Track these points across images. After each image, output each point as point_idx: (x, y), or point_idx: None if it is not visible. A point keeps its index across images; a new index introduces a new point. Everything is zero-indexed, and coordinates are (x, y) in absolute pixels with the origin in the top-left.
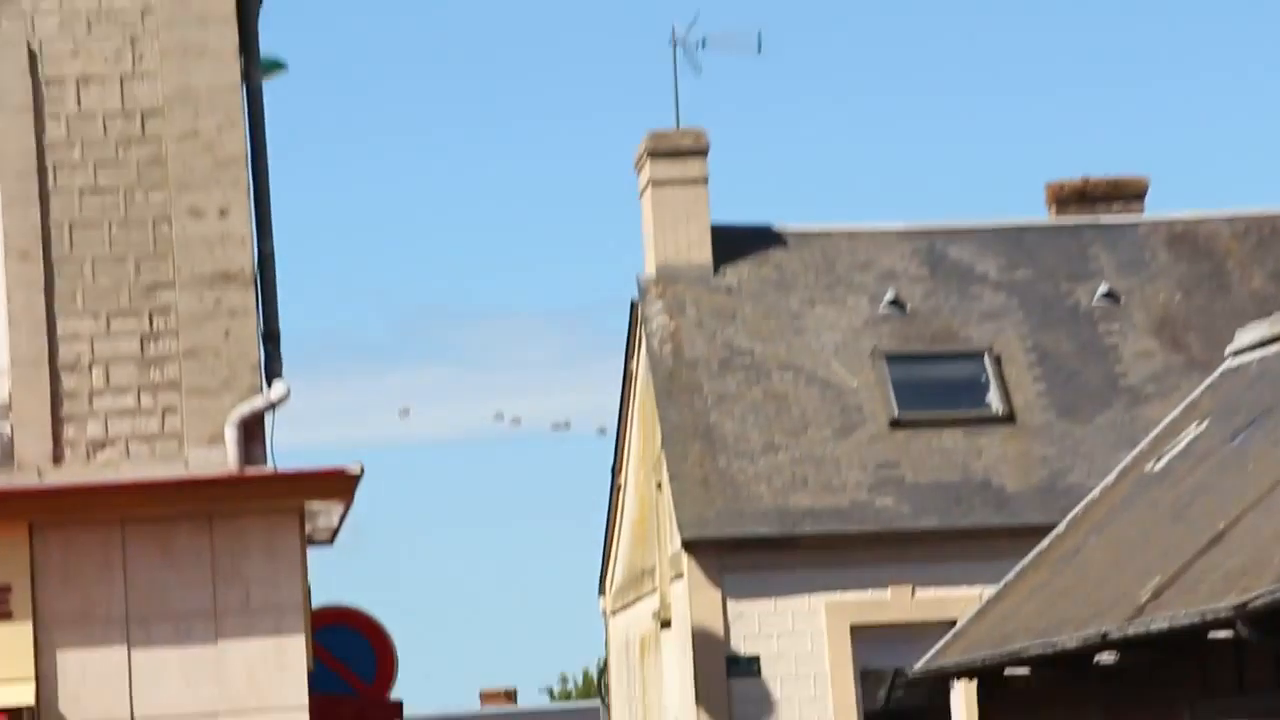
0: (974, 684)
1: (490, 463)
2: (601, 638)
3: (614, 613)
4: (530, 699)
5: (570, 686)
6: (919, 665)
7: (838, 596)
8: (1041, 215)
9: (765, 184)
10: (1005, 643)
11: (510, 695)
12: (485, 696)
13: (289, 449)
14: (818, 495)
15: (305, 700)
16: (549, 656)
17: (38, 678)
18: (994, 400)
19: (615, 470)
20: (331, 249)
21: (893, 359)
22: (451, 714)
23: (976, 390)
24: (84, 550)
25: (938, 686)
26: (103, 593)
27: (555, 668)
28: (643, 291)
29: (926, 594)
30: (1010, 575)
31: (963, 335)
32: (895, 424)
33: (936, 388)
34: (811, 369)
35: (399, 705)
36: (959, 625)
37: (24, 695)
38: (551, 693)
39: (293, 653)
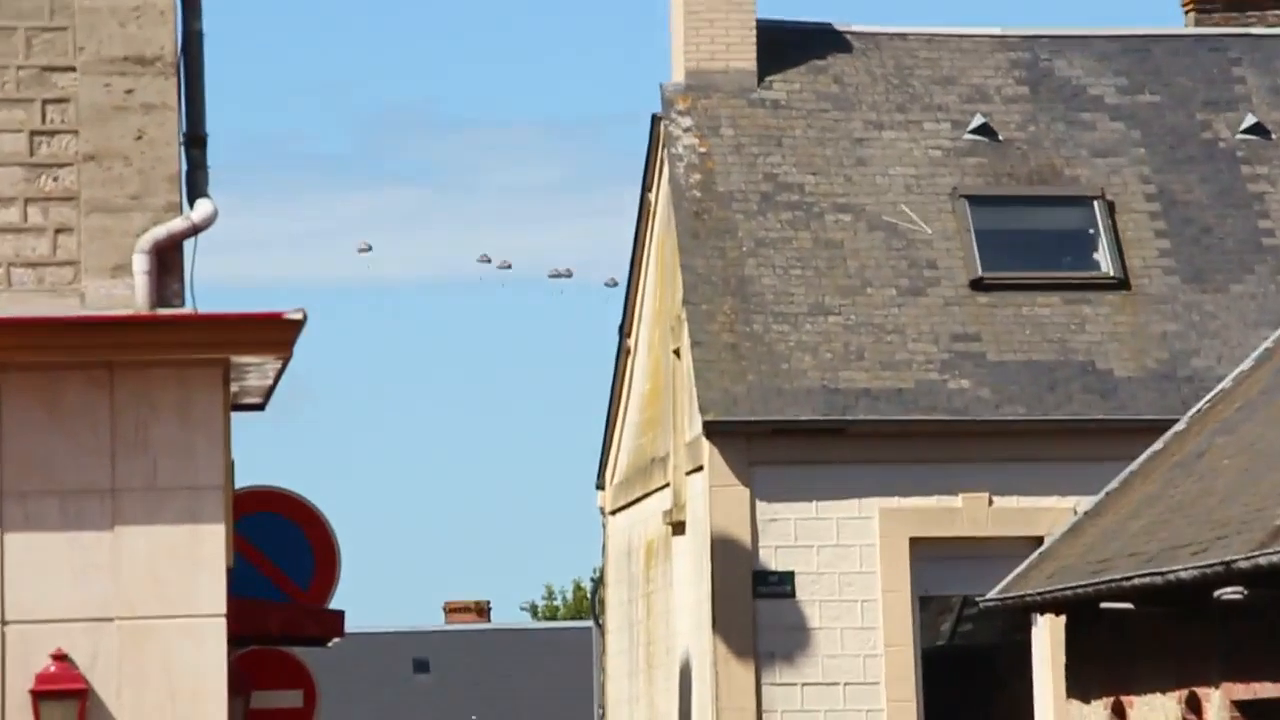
0: (1061, 619)
1: (469, 314)
2: (597, 542)
3: (614, 512)
4: (506, 616)
5: (557, 602)
6: (993, 593)
7: (895, 502)
8: (1176, 23)
9: None
10: (1103, 570)
11: (482, 610)
12: (451, 610)
13: (214, 286)
14: (876, 373)
15: (223, 606)
16: (531, 564)
17: None
18: (1103, 259)
19: (624, 331)
20: (277, 32)
21: (978, 202)
22: (407, 629)
23: (1082, 245)
24: None
25: (1015, 620)
26: None
27: (538, 578)
28: (667, 104)
29: (1007, 503)
30: (1113, 484)
31: (1068, 174)
32: (978, 285)
33: (1032, 241)
34: (875, 211)
35: (340, 616)
36: (1046, 545)
37: None
38: (533, 609)
39: (209, 545)
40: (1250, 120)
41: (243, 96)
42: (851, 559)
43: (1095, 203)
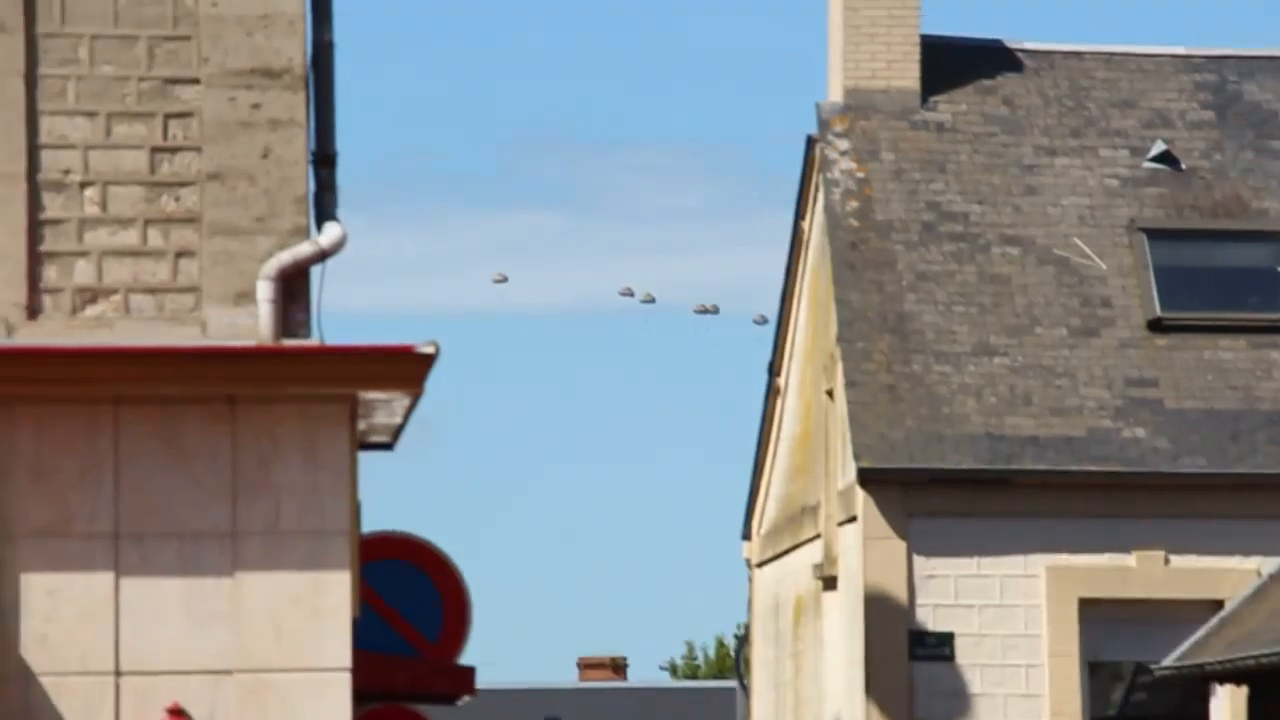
0: (1244, 690)
1: (609, 348)
2: (742, 597)
3: (761, 564)
4: (644, 674)
5: (698, 660)
6: (1169, 660)
7: (1064, 560)
8: None
9: None
10: None
11: (618, 667)
12: (585, 667)
13: (341, 315)
14: (1044, 419)
15: (348, 660)
16: (671, 619)
17: None
18: None
19: (773, 370)
20: (412, 48)
21: (1157, 236)
22: (539, 686)
23: (1270, 285)
24: (63, 438)
25: (1193, 690)
26: (85, 497)
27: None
28: (823, 125)
29: (1184, 563)
30: None
31: (1256, 207)
32: (1156, 326)
33: (1216, 279)
34: (1046, 244)
35: (470, 673)
36: (1227, 609)
37: None
38: (673, 668)
39: (334, 594)
40: None
41: (373, 111)
42: (1016, 620)
43: None
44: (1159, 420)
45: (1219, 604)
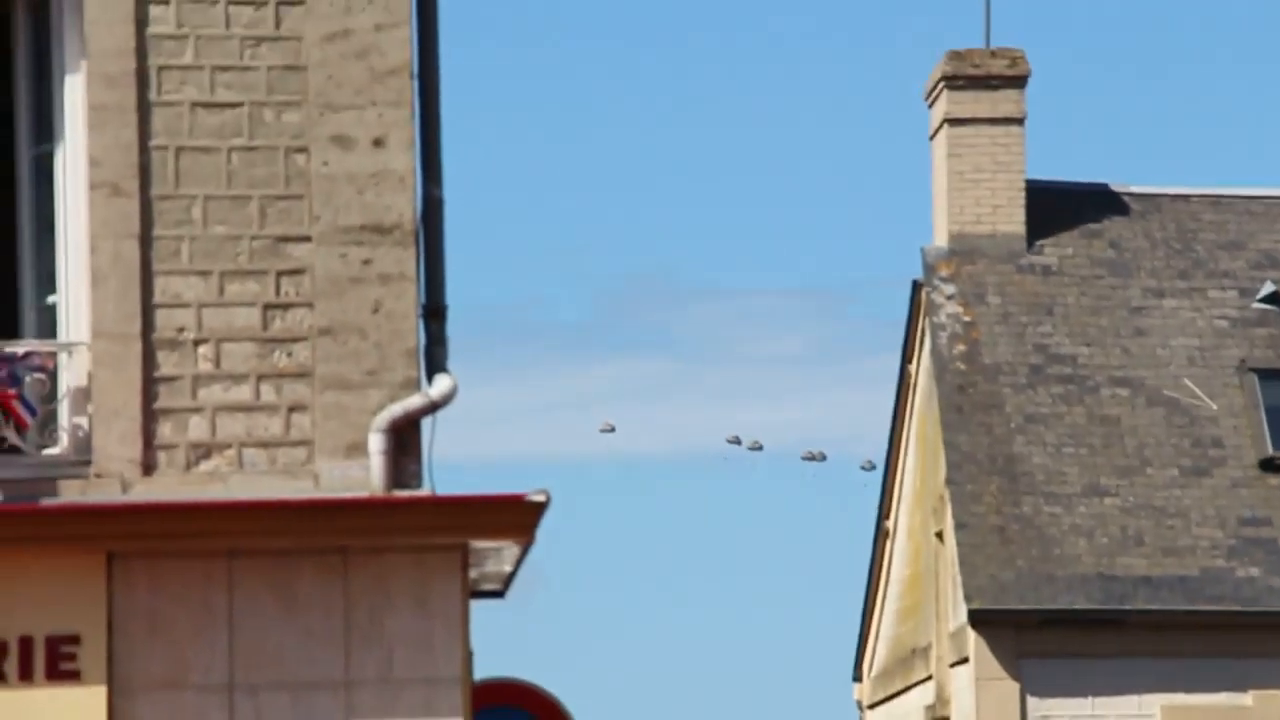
0: None
1: (716, 495)
2: None
3: (872, 706)
4: None
5: None
6: None
7: (1180, 699)
8: None
9: (1099, 132)
10: None
11: None
12: None
13: (451, 466)
14: (1157, 559)
15: None
16: None
17: None
18: None
19: (882, 513)
20: (511, 199)
21: (1268, 376)
22: None
23: None
24: (177, 591)
25: None
26: (200, 649)
27: None
28: (929, 270)
29: None
30: None
31: None
32: (1268, 465)
33: None
34: (1155, 385)
35: None
36: None
37: None
38: None
39: None
40: None
41: (477, 265)
42: None
43: None
44: (1273, 560)
45: None
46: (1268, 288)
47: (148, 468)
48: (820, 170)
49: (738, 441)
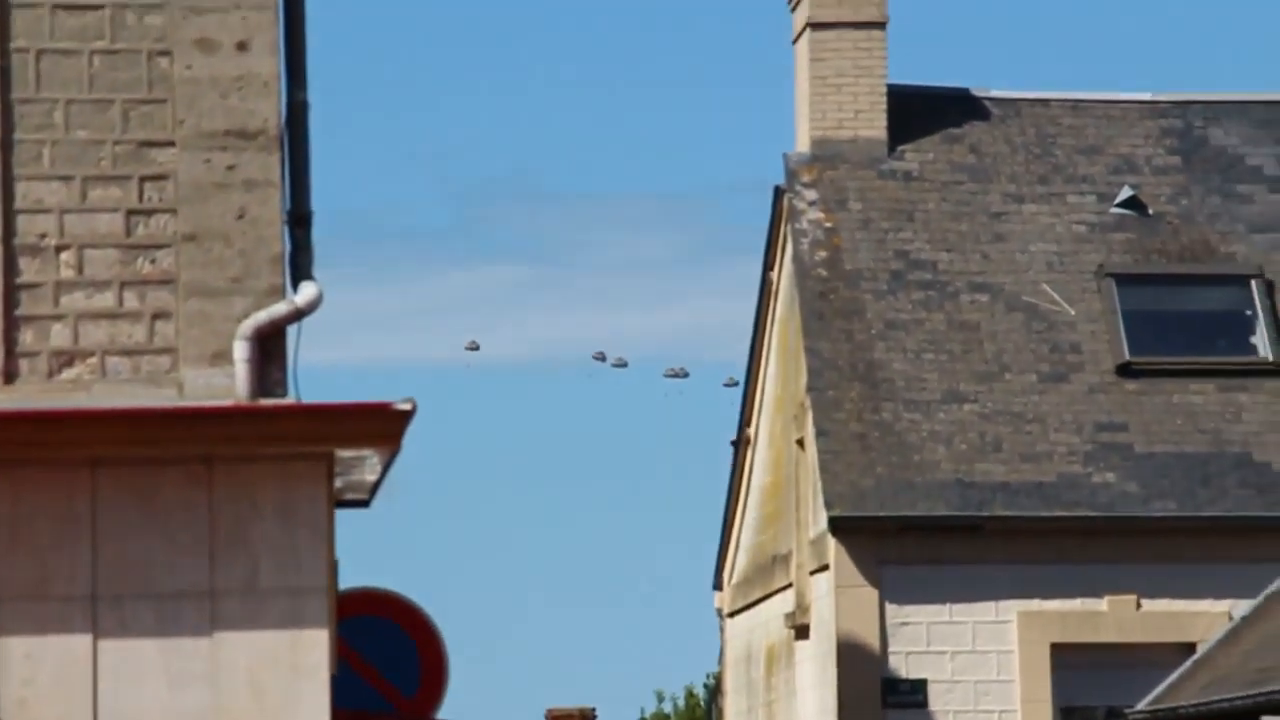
0: None
1: (578, 403)
2: (714, 646)
3: (732, 614)
4: None
5: (668, 708)
6: (1142, 704)
7: (1036, 605)
8: None
9: (960, 36)
10: (1263, 680)
11: (587, 717)
12: (554, 718)
13: (316, 373)
14: (1015, 465)
15: (327, 716)
16: (641, 668)
17: None
18: (1261, 343)
19: (743, 420)
20: (373, 105)
21: (1126, 281)
22: None
23: (1239, 328)
24: (39, 501)
25: None
26: (63, 559)
27: (649, 683)
28: (790, 175)
29: (1156, 607)
30: (1273, 586)
31: (1223, 251)
32: (1125, 371)
33: (1184, 323)
34: (1014, 291)
35: None
36: (1200, 652)
37: None
38: (642, 717)
39: (313, 651)
40: None
41: (335, 170)
42: (988, 666)
43: (1253, 281)
44: (1129, 465)
45: (1191, 647)
46: (1125, 192)
47: (9, 375)
48: (683, 74)
49: (603, 358)
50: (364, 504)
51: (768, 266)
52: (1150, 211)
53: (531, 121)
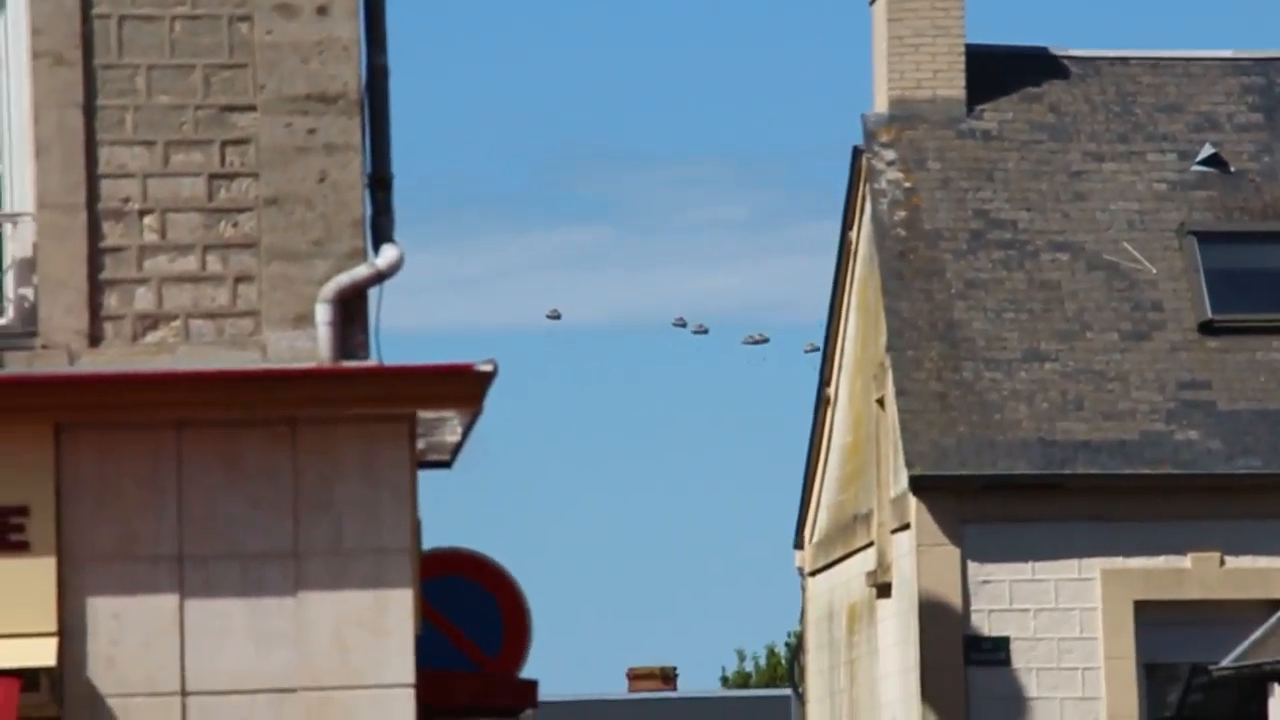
0: None
1: (660, 364)
2: (792, 605)
3: (814, 572)
4: (695, 683)
5: (749, 668)
6: (1227, 661)
7: (1119, 563)
8: None
9: None
10: None
11: (668, 677)
12: (635, 677)
13: (398, 336)
14: (1096, 423)
15: (411, 676)
16: (722, 627)
17: (61, 632)
18: None
19: (823, 380)
20: (456, 71)
21: (1207, 239)
22: (588, 698)
23: None
24: (126, 462)
25: (1251, 691)
26: (149, 520)
27: (730, 643)
28: (869, 136)
29: (1240, 564)
30: None
31: None
32: (1207, 328)
33: (1266, 280)
34: (1095, 249)
35: (533, 687)
36: None
37: (43, 654)
38: (724, 676)
39: (397, 611)
40: None
41: (416, 133)
42: (1071, 624)
43: None
44: (1211, 422)
45: (1276, 604)
46: (1206, 150)
47: (94, 339)
48: (762, 36)
49: (683, 324)
50: (446, 465)
51: (847, 227)
52: (1232, 169)
53: (610, 84)
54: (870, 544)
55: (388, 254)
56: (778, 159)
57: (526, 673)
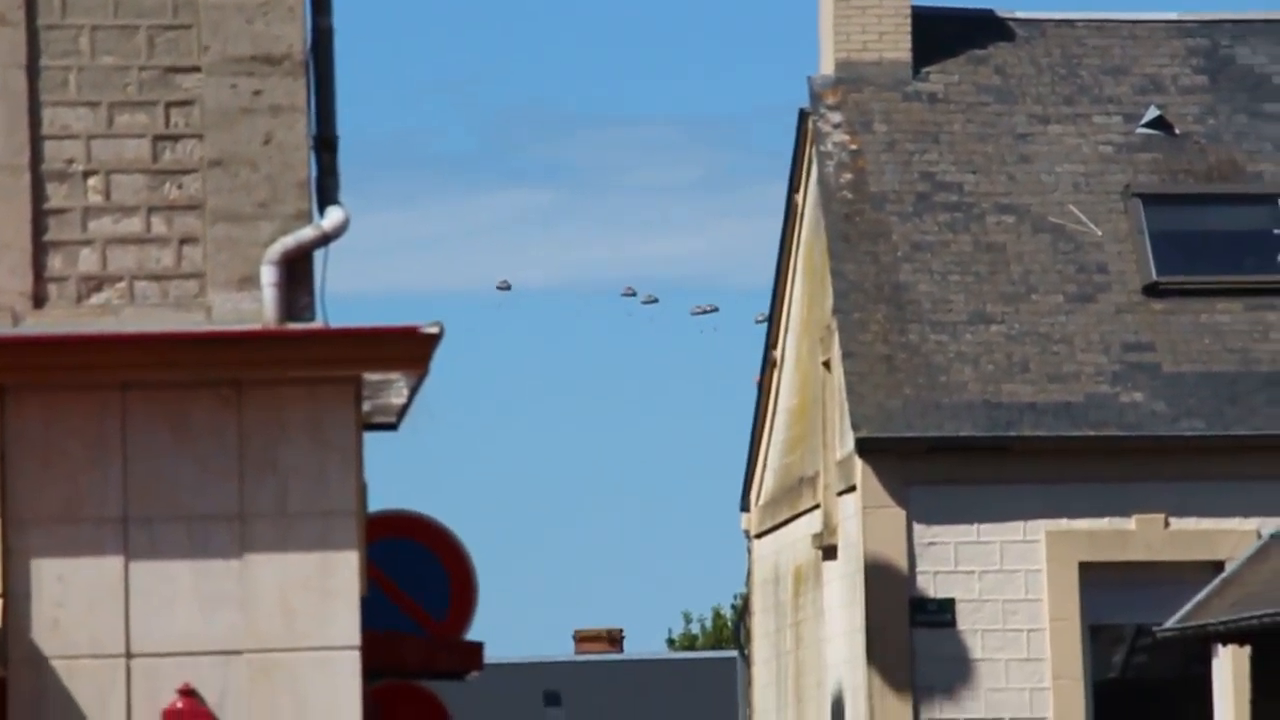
0: (1246, 651)
1: (606, 328)
2: (738, 567)
3: (759, 535)
4: (641, 645)
5: (695, 630)
6: (1171, 622)
7: (1064, 524)
8: None
9: None
10: None
11: (614, 639)
12: (581, 639)
13: (344, 298)
14: (1042, 385)
15: (357, 638)
16: (668, 590)
17: (5, 594)
18: None
19: (769, 343)
20: (398, 31)
21: (1152, 201)
22: (536, 660)
23: (1265, 247)
24: (70, 424)
25: (1195, 652)
26: (94, 482)
27: (676, 605)
28: (815, 98)
29: (1184, 525)
30: None
31: (1251, 171)
32: (1152, 290)
33: (1211, 242)
34: (1040, 212)
35: (479, 649)
36: (1228, 570)
37: None
38: (670, 638)
39: (343, 574)
40: None
41: (363, 96)
42: (1016, 585)
43: None
44: (1157, 384)
45: (1220, 565)
46: (1151, 112)
47: (39, 300)
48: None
49: (633, 293)
50: (392, 427)
51: (793, 189)
52: (1177, 131)
53: (557, 47)
54: (816, 506)
55: (333, 216)
56: (726, 121)
57: (473, 635)
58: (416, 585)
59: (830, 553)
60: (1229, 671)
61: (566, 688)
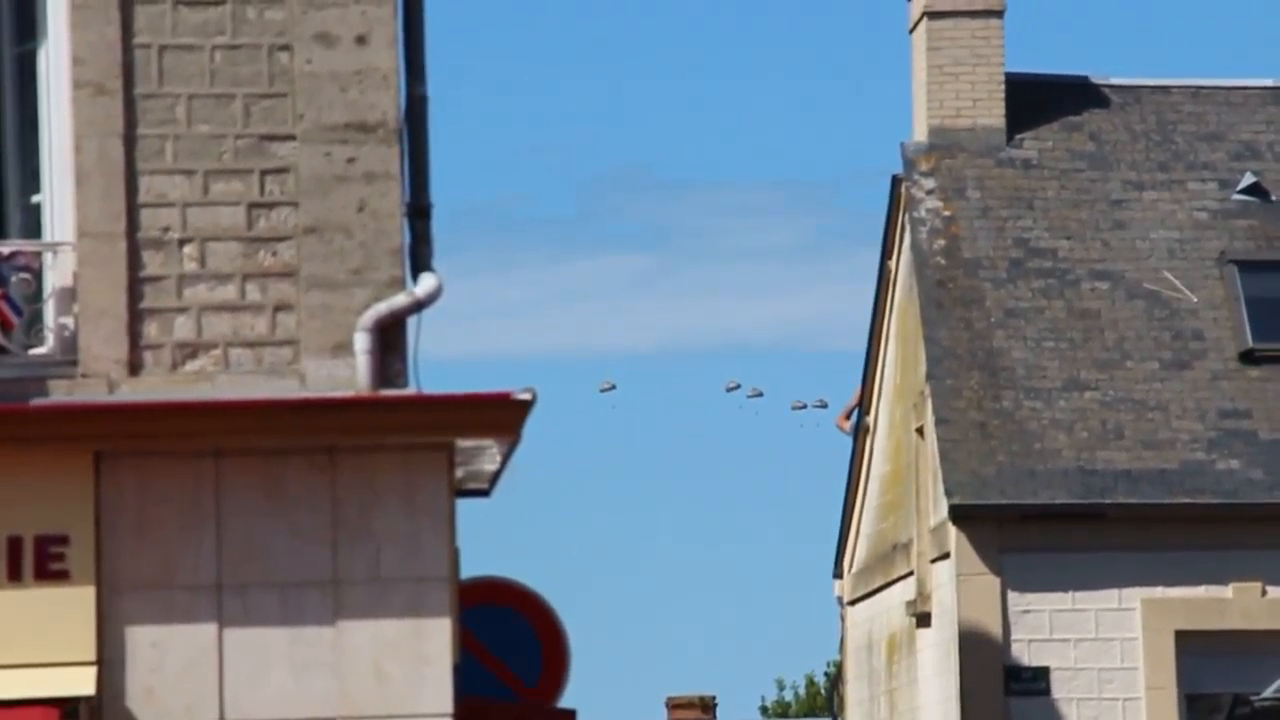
0: None
1: (702, 393)
2: (831, 634)
3: (853, 601)
4: (734, 712)
5: (788, 697)
6: (1269, 691)
7: (1159, 593)
8: None
9: (1079, 23)
10: None
11: (707, 706)
12: (674, 706)
13: (434, 362)
14: (1137, 453)
15: (449, 705)
16: (762, 657)
17: (100, 661)
18: None
19: (863, 409)
20: (492, 92)
21: (1248, 267)
22: None
23: None
24: (165, 491)
25: None
26: (188, 548)
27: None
28: (908, 164)
29: None
30: None
31: None
32: (1248, 357)
33: None
34: (1135, 278)
35: (572, 715)
36: None
37: (82, 683)
38: (764, 705)
39: (435, 640)
40: None
41: (459, 161)
42: (1112, 654)
43: None
44: (1253, 451)
45: None
46: (1247, 179)
47: (134, 367)
48: (803, 63)
49: (737, 387)
50: (485, 493)
51: (886, 255)
52: (1273, 198)
53: (652, 111)
54: (910, 573)
55: (426, 282)
56: (820, 187)
57: (565, 702)
58: (509, 651)
59: (924, 620)
60: None
61: None
